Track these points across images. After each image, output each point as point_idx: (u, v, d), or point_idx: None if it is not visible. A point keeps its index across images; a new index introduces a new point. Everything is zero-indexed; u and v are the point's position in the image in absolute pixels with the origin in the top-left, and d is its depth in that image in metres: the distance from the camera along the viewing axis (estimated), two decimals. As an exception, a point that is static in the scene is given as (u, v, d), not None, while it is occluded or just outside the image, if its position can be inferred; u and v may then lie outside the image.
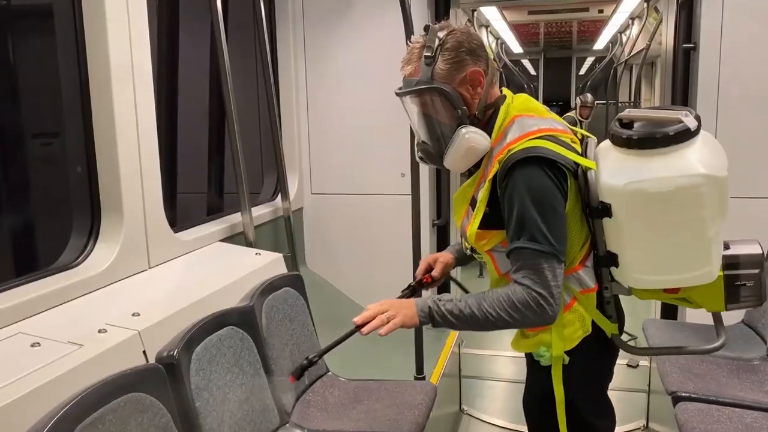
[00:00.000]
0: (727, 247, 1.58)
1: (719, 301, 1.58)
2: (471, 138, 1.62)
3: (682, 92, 3.43)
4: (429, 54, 1.63)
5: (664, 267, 1.56)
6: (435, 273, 1.99)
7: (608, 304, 1.68)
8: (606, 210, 1.54)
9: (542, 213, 1.52)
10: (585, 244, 1.65)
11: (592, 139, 1.73)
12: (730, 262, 1.56)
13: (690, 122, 1.46)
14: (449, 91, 1.63)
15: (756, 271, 1.55)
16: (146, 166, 2.38)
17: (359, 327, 1.70)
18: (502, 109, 1.68)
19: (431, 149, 1.74)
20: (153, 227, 2.42)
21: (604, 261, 1.63)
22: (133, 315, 2.01)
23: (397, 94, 1.76)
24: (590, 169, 1.57)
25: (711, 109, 3.27)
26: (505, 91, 1.75)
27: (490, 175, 1.61)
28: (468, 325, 1.61)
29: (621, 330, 1.76)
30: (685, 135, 1.46)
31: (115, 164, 2.26)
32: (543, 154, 1.53)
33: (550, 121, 1.68)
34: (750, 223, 3.26)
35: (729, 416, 2.31)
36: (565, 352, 1.67)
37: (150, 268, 2.42)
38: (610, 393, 1.95)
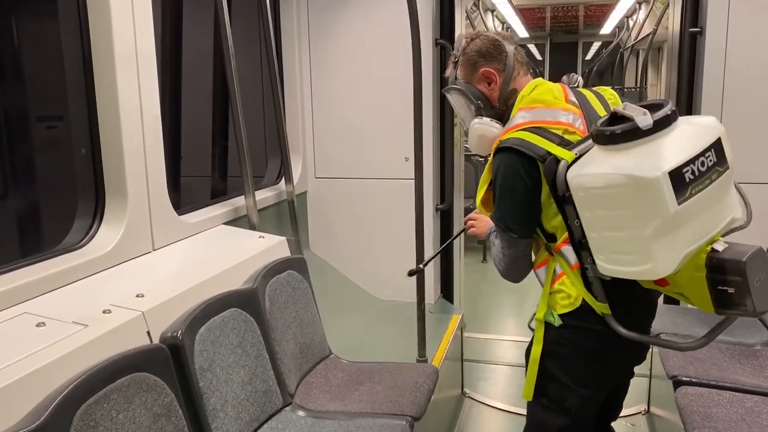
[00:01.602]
0: (717, 250, 1.55)
1: (707, 303, 1.59)
2: (478, 128, 1.95)
3: (688, 77, 3.40)
4: (454, 60, 2.01)
5: (613, 258, 1.63)
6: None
7: (592, 284, 1.77)
8: (568, 198, 1.68)
9: (505, 196, 1.80)
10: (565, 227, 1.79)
11: None
12: (714, 264, 1.54)
13: (642, 121, 1.49)
14: (464, 89, 1.97)
15: (737, 278, 1.50)
16: (150, 148, 2.39)
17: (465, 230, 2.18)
18: (517, 100, 1.91)
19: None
20: (157, 209, 2.43)
21: (579, 244, 1.75)
22: (137, 296, 2.02)
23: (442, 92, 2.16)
24: (563, 159, 1.69)
25: (717, 93, 3.25)
26: (536, 81, 1.94)
27: (490, 160, 1.85)
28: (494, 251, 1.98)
29: (635, 317, 1.80)
30: (633, 134, 1.50)
31: (119, 147, 2.27)
32: (513, 145, 1.74)
33: (552, 112, 1.81)
34: (757, 209, 3.26)
35: (729, 400, 2.32)
36: (561, 316, 1.84)
37: (154, 250, 2.43)
38: None
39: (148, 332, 1.93)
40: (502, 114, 1.96)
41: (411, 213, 2.98)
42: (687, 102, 3.42)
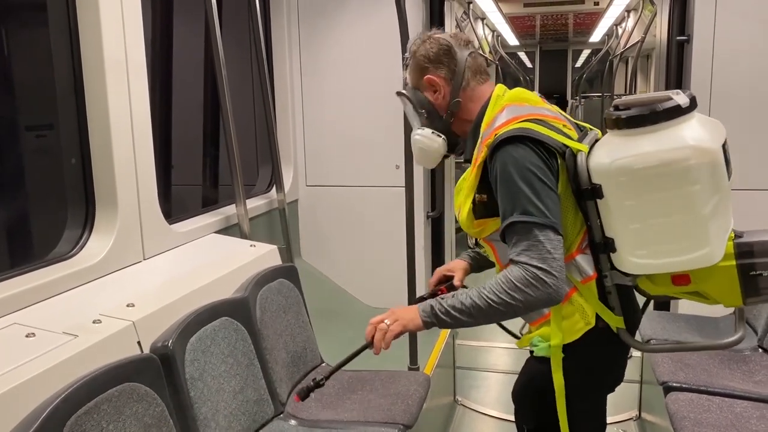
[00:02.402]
0: (739, 235, 1.51)
1: (736, 294, 1.51)
2: (418, 140, 1.79)
3: (676, 84, 3.44)
4: (405, 63, 1.84)
5: (659, 249, 1.49)
6: (456, 281, 1.98)
7: (609, 294, 1.61)
8: (596, 191, 1.52)
9: (531, 186, 1.51)
10: (581, 230, 1.61)
11: (594, 131, 1.74)
12: (743, 250, 1.48)
13: (680, 99, 1.44)
14: (410, 95, 1.81)
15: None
16: (141, 158, 2.39)
17: (369, 344, 1.74)
18: (492, 100, 1.72)
19: None
20: (148, 219, 2.43)
21: (601, 247, 1.58)
22: (127, 306, 2.02)
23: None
24: (580, 151, 1.56)
25: (704, 101, 3.28)
26: (501, 85, 1.78)
27: (478, 161, 1.63)
28: (473, 317, 1.57)
29: (634, 326, 1.71)
30: (675, 111, 1.43)
31: (109, 156, 2.27)
32: (529, 134, 1.54)
33: (541, 108, 1.69)
34: (744, 215, 3.29)
35: (719, 406, 2.33)
36: (567, 345, 1.65)
37: (145, 259, 2.43)
38: None
39: (139, 342, 1.93)
40: (449, 125, 1.78)
41: (402, 221, 2.99)
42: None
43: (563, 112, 1.78)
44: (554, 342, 1.66)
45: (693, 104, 1.47)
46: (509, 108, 1.67)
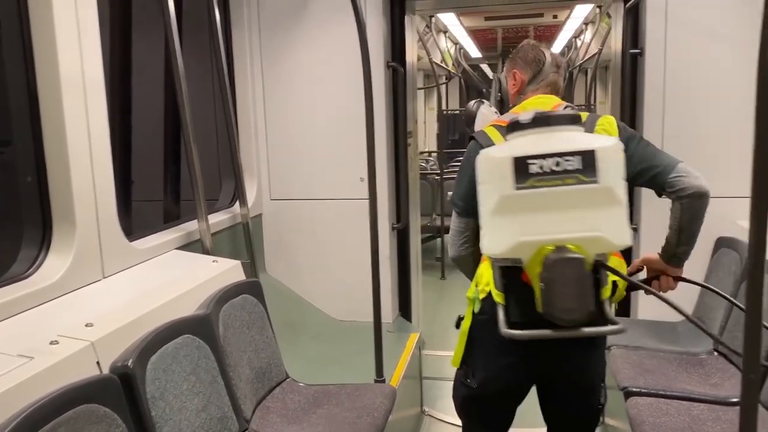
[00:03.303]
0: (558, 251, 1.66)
1: (539, 301, 1.71)
2: (480, 109, 2.32)
3: (630, 95, 3.53)
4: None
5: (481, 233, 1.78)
6: None
7: (495, 270, 1.83)
8: None
9: (458, 174, 2.10)
10: None
11: None
12: (543, 262, 1.66)
13: (522, 117, 1.74)
14: (500, 79, 2.32)
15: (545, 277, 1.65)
16: (99, 174, 2.36)
17: None
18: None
19: None
20: (107, 236, 2.39)
21: None
22: (86, 325, 1.98)
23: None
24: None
25: (658, 111, 3.38)
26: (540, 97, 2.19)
27: None
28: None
29: (533, 322, 1.74)
30: (515, 126, 1.75)
31: (66, 173, 2.23)
32: (473, 135, 2.07)
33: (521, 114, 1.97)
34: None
35: (677, 409, 2.40)
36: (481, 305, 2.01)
37: (104, 277, 2.39)
38: None
39: (98, 362, 1.89)
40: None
41: (367, 233, 3.00)
42: (630, 119, 3.55)
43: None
44: (468, 294, 2.10)
45: (532, 124, 1.71)
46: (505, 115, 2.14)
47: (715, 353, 2.93)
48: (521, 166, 1.64)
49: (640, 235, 3.49)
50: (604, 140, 1.70)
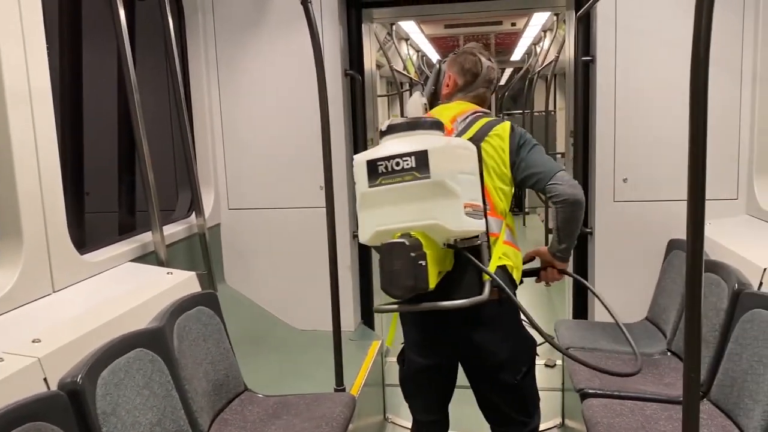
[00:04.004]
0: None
1: None
2: (413, 96, 2.39)
3: (583, 101, 3.60)
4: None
5: None
6: None
7: None
8: None
9: None
10: None
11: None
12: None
13: (384, 126, 2.01)
14: (441, 69, 2.56)
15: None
16: (48, 187, 2.31)
17: None
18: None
19: None
20: (57, 250, 2.34)
21: None
22: (33, 341, 1.93)
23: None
24: None
25: (610, 116, 3.45)
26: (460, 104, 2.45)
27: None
28: None
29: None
30: (381, 133, 2.02)
31: (12, 187, 2.18)
32: None
33: None
34: (646, 224, 3.47)
35: (631, 409, 2.44)
36: None
37: (54, 292, 2.33)
38: None
39: (45, 379, 1.85)
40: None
41: (327, 241, 2.99)
42: (583, 125, 3.61)
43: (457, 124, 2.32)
44: None
45: (389, 130, 1.99)
46: None
47: (669, 353, 3.00)
48: (372, 167, 1.92)
49: (594, 237, 3.56)
50: (440, 141, 1.93)
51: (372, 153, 1.95)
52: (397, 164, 1.89)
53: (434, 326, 2.29)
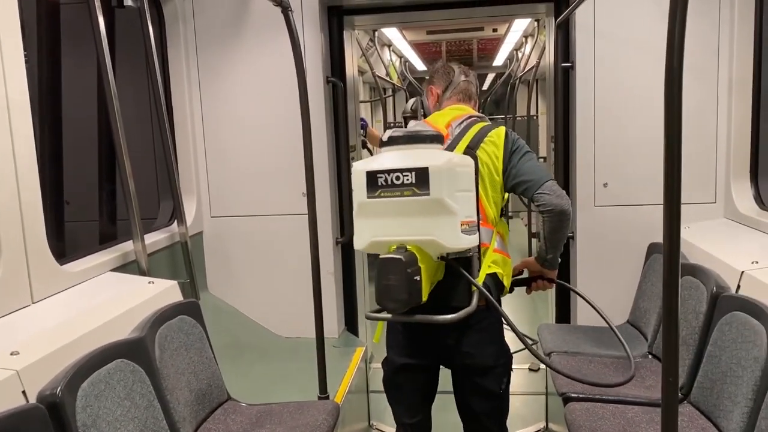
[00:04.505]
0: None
1: None
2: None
3: (563, 107, 3.63)
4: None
5: None
6: None
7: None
8: None
9: None
10: None
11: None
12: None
13: (385, 137, 2.04)
14: (422, 101, 2.65)
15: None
16: (26, 196, 2.28)
17: None
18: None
19: None
20: (35, 260, 2.32)
21: None
22: (11, 354, 1.91)
23: None
24: None
25: (590, 122, 3.48)
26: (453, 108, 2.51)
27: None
28: None
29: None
30: (382, 143, 2.06)
31: (-11, 197, 2.15)
32: None
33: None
34: (627, 229, 3.50)
35: (612, 413, 2.46)
36: None
37: (33, 303, 2.31)
38: (513, 398, 2.41)
39: (24, 392, 1.82)
40: None
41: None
42: (564, 130, 3.65)
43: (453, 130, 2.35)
44: None
45: (389, 142, 2.02)
46: None
47: (650, 356, 3.02)
48: (372, 179, 1.95)
49: (576, 241, 3.59)
50: (440, 158, 1.94)
51: (372, 163, 1.98)
52: (397, 178, 1.92)
53: (420, 331, 2.30)
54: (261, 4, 3.54)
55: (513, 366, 2.42)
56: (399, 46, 8.58)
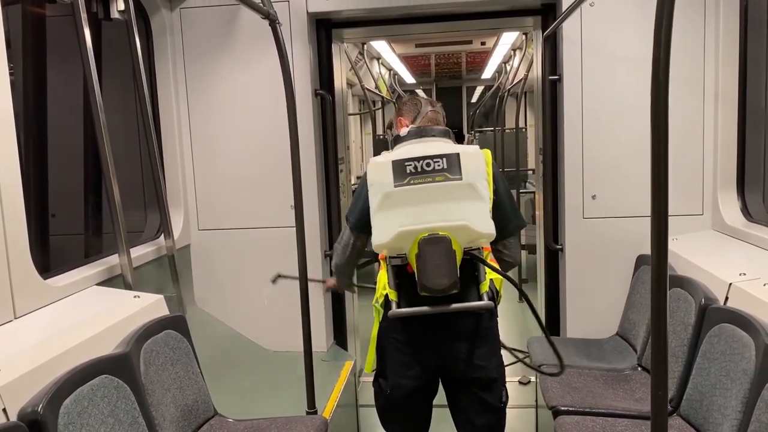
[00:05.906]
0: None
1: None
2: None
3: (551, 119, 3.64)
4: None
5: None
6: None
7: (389, 271, 2.14)
8: None
9: (354, 197, 2.35)
10: None
11: None
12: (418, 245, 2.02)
13: (403, 132, 2.19)
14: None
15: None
16: (9, 209, 2.25)
17: None
18: None
19: None
20: (18, 274, 2.28)
21: None
22: (-8, 371, 1.87)
23: None
24: None
25: (577, 134, 3.49)
26: None
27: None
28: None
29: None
30: (397, 139, 2.20)
31: (-29, 211, 2.12)
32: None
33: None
34: (615, 241, 3.51)
35: (602, 426, 2.45)
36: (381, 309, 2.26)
37: (16, 318, 2.27)
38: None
39: (5, 409, 1.78)
40: None
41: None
42: (552, 143, 3.66)
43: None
44: (374, 302, 2.32)
45: (408, 136, 2.17)
46: None
47: (639, 368, 3.02)
48: (399, 168, 1.98)
49: (565, 253, 3.59)
50: (467, 147, 2.04)
51: (394, 155, 2.03)
52: (428, 165, 1.97)
53: (428, 341, 2.24)
54: (249, 17, 3.53)
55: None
56: (388, 59, 8.61)
